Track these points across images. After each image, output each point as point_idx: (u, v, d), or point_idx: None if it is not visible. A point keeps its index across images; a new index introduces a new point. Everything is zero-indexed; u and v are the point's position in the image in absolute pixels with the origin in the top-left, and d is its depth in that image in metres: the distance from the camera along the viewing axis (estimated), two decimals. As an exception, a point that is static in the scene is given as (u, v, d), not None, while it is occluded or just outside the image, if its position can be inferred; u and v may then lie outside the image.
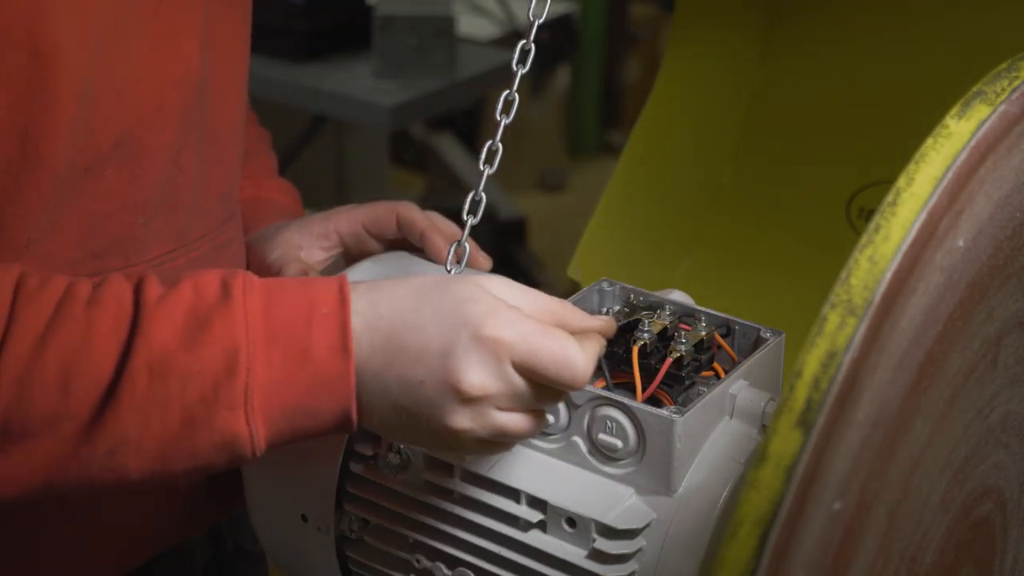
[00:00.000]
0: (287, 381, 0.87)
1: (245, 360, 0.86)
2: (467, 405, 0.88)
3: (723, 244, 1.50)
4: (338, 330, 0.88)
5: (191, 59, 1.01)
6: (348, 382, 0.88)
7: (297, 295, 0.89)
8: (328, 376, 0.88)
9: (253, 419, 0.87)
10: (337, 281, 0.90)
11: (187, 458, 0.88)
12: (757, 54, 1.48)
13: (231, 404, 0.86)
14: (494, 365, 0.87)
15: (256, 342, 0.87)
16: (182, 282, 0.89)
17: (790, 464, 0.72)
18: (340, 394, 0.88)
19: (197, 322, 0.87)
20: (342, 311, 0.88)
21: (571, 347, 0.88)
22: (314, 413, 0.88)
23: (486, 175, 1.01)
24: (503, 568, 0.97)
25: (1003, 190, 0.82)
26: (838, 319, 0.74)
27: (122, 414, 0.86)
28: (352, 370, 0.88)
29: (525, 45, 1.00)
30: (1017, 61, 0.86)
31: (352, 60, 2.79)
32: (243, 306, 0.87)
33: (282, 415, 0.88)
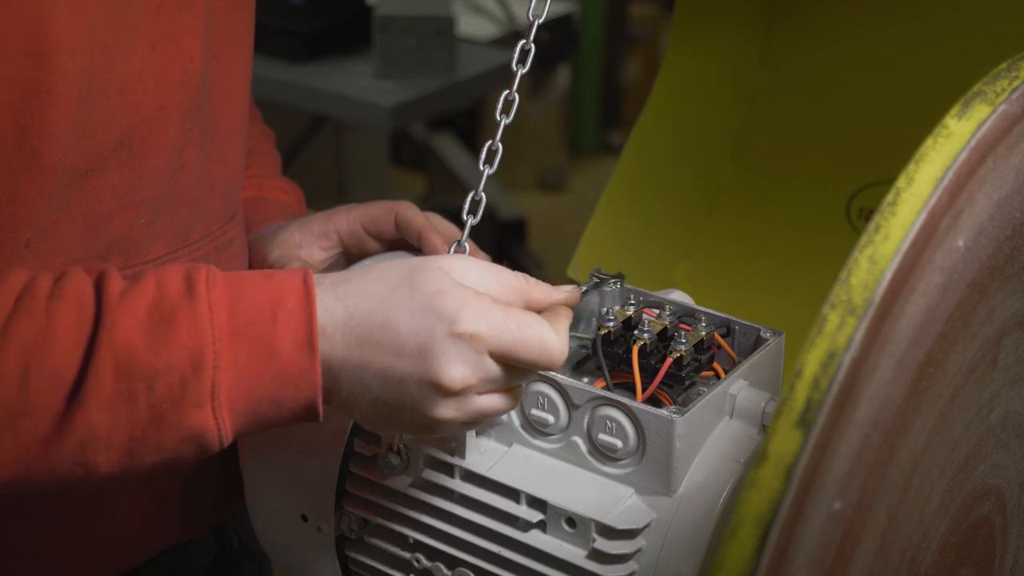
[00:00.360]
0: (253, 376, 0.88)
1: (211, 358, 0.87)
2: (449, 397, 0.89)
3: (723, 244, 1.50)
4: (303, 326, 0.88)
5: (193, 58, 1.01)
6: (313, 377, 0.88)
7: (261, 290, 0.89)
8: (293, 371, 0.88)
9: (220, 413, 0.88)
10: (301, 275, 0.90)
11: (155, 452, 0.88)
12: (757, 54, 1.48)
13: (198, 401, 0.87)
14: (473, 358, 0.88)
15: (221, 339, 0.87)
16: (144, 276, 0.89)
17: (790, 464, 0.72)
18: (305, 388, 0.88)
19: (161, 318, 0.87)
20: (307, 306, 0.88)
21: (545, 332, 0.90)
22: (279, 404, 0.89)
23: (486, 175, 1.01)
24: (503, 568, 0.97)
25: (1003, 190, 0.82)
26: (838, 319, 0.74)
27: (90, 411, 0.86)
28: (317, 365, 0.88)
29: (525, 45, 1.00)
30: (1017, 61, 0.86)
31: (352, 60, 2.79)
32: (208, 302, 0.87)
33: (247, 408, 0.88)
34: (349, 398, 0.90)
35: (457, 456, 0.98)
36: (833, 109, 1.45)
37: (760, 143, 1.49)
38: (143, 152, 0.99)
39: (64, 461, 0.87)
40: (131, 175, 0.99)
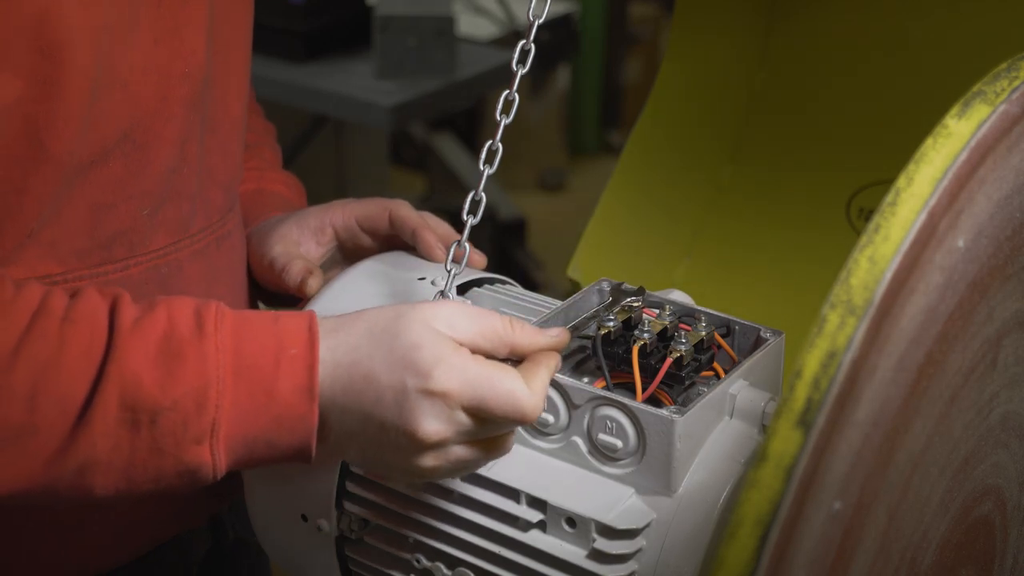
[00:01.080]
0: (252, 417, 0.90)
1: (214, 397, 0.89)
2: (428, 449, 0.91)
3: (723, 244, 1.50)
4: (305, 372, 0.90)
5: (196, 52, 1.02)
6: (310, 422, 0.90)
7: (266, 333, 0.91)
8: (291, 415, 0.90)
9: (217, 450, 0.90)
10: (306, 321, 0.92)
11: (151, 482, 0.91)
12: (757, 54, 1.48)
13: (198, 438, 0.89)
14: (446, 413, 0.90)
15: (225, 379, 0.89)
16: (157, 307, 0.91)
17: (790, 464, 0.72)
18: (301, 432, 0.91)
19: (170, 354, 0.89)
20: (310, 354, 0.91)
21: (517, 388, 0.90)
22: (274, 445, 0.91)
23: (486, 175, 1.01)
24: (503, 568, 0.97)
25: (1003, 190, 0.82)
26: (838, 319, 0.74)
27: (94, 437, 0.88)
28: (316, 411, 0.90)
29: (525, 45, 1.00)
30: (1017, 61, 0.86)
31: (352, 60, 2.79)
32: (215, 343, 0.90)
33: (243, 446, 0.91)
34: (337, 442, 0.92)
35: (457, 456, 0.98)
36: (833, 109, 1.45)
37: (760, 143, 1.49)
38: (146, 144, 1.00)
39: (64, 481, 0.89)
40: (134, 167, 1.00)
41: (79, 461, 0.88)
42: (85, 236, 1.00)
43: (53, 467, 0.88)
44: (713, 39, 1.49)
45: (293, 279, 1.14)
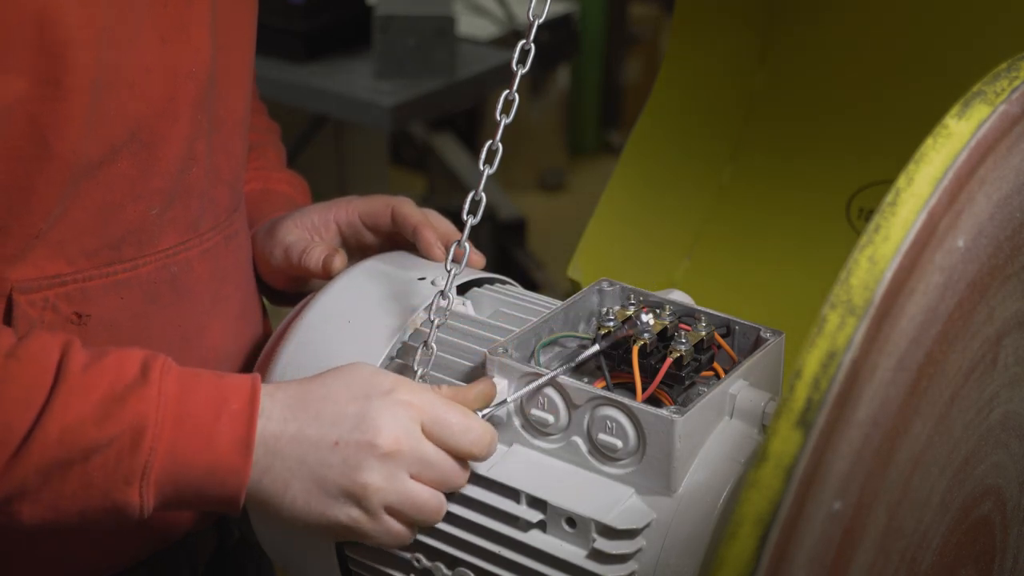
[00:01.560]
0: (186, 463, 0.92)
1: (151, 439, 0.91)
2: (381, 461, 0.92)
3: (723, 244, 1.50)
4: (244, 426, 0.92)
5: (201, 50, 1.03)
6: (243, 474, 0.92)
7: (211, 385, 0.93)
8: (225, 467, 0.92)
9: (146, 492, 0.92)
10: (249, 381, 0.94)
11: (76, 516, 0.92)
12: (757, 54, 1.48)
13: (128, 478, 0.91)
14: (406, 422, 0.93)
15: (164, 422, 0.91)
16: (107, 356, 0.93)
17: (790, 464, 0.72)
18: (232, 485, 0.93)
19: (114, 397, 0.91)
20: (250, 409, 0.93)
21: (472, 416, 0.95)
22: (203, 494, 0.93)
23: (486, 175, 1.01)
24: (503, 568, 0.97)
25: (1003, 190, 0.82)
26: (838, 319, 0.74)
27: (26, 471, 0.90)
28: (249, 464, 0.92)
29: (525, 45, 1.00)
30: (1017, 61, 0.86)
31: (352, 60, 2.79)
32: (158, 388, 0.92)
33: (173, 490, 0.93)
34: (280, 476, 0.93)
35: (457, 456, 0.98)
36: (833, 109, 1.45)
37: (760, 143, 1.49)
38: (153, 143, 1.01)
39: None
40: (143, 166, 1.01)
41: (8, 490, 0.90)
42: (94, 236, 1.00)
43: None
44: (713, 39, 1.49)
45: (315, 260, 1.15)
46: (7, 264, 0.97)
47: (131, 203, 1.01)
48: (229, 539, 1.24)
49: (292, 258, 1.16)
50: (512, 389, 0.98)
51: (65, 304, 1.00)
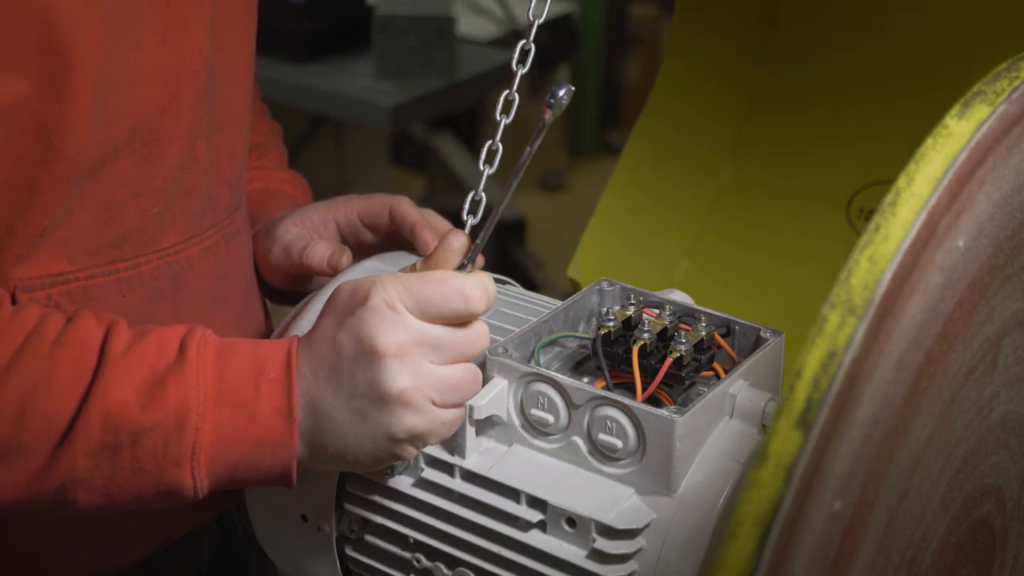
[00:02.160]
0: (233, 440, 0.91)
1: (195, 420, 0.90)
2: (396, 363, 0.90)
3: (723, 244, 1.50)
4: (283, 395, 0.91)
5: (201, 49, 1.03)
6: (291, 444, 0.92)
7: (247, 358, 0.93)
8: (272, 438, 0.91)
9: (198, 473, 0.91)
10: (285, 346, 0.93)
11: (132, 500, 0.93)
12: (757, 54, 1.48)
13: (179, 459, 0.91)
14: (394, 318, 0.90)
15: (206, 403, 0.91)
16: (148, 335, 0.93)
17: (790, 464, 0.72)
18: (282, 454, 0.92)
19: (154, 380, 0.91)
20: (287, 376, 0.92)
21: (452, 278, 0.92)
22: (256, 468, 0.93)
23: (486, 175, 1.01)
24: (503, 568, 0.97)
25: (1003, 190, 0.82)
26: (838, 319, 0.74)
27: (75, 457, 0.90)
28: (295, 433, 0.91)
29: (525, 45, 1.00)
30: (1017, 61, 0.86)
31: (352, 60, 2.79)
32: (196, 366, 0.91)
33: (225, 469, 0.92)
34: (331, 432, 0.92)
35: (457, 456, 0.98)
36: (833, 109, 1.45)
37: (760, 143, 1.49)
38: (155, 142, 1.01)
39: (46, 496, 0.91)
40: (144, 165, 1.01)
41: (61, 479, 0.90)
42: (96, 234, 1.00)
43: (36, 483, 0.91)
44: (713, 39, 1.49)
45: (318, 257, 1.15)
46: (12, 264, 0.97)
47: (133, 202, 1.01)
48: (233, 535, 1.25)
49: (292, 256, 1.16)
50: (512, 389, 0.98)
51: (67, 302, 1.00)
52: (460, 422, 0.95)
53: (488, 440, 1.00)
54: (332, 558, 1.05)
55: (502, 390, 0.98)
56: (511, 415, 0.98)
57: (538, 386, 0.97)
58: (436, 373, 0.91)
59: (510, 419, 0.99)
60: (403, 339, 0.90)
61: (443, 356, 0.92)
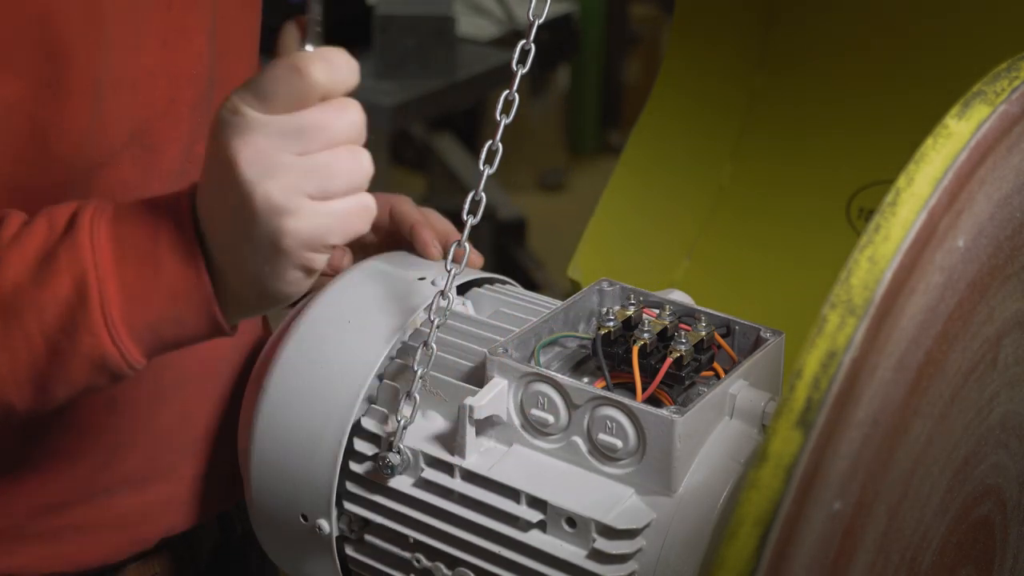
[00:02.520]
0: (143, 296, 0.88)
1: (95, 283, 0.87)
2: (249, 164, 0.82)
3: (723, 244, 1.50)
4: (183, 241, 0.87)
5: (201, 53, 1.03)
6: (203, 287, 0.87)
7: (143, 215, 0.88)
8: (183, 286, 0.87)
9: (118, 337, 0.88)
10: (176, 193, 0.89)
11: (64, 384, 0.89)
12: (757, 54, 1.48)
13: (90, 327, 0.87)
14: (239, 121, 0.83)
15: (104, 265, 0.87)
16: (38, 217, 0.89)
17: (790, 464, 0.72)
18: (198, 300, 0.88)
19: (46, 256, 0.88)
20: (184, 221, 0.87)
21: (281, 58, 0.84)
22: (180, 321, 0.89)
23: (486, 175, 1.01)
24: (503, 568, 0.97)
25: (1003, 190, 0.82)
26: (838, 319, 0.74)
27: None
28: (204, 274, 0.87)
29: (525, 45, 1.00)
30: (1017, 61, 0.86)
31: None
32: (88, 232, 0.87)
33: (147, 328, 0.88)
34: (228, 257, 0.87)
35: (457, 456, 0.98)
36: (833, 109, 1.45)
37: (760, 143, 1.49)
38: (154, 146, 1.01)
39: None
40: (143, 168, 1.01)
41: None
42: None
43: None
44: (713, 39, 1.49)
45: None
46: None
47: None
48: (232, 534, 1.25)
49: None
50: (512, 389, 0.98)
51: None
52: (363, 213, 0.86)
53: (488, 440, 1.00)
54: (332, 558, 1.05)
55: (502, 390, 0.98)
56: (511, 415, 0.98)
57: (538, 386, 0.97)
58: (299, 163, 0.83)
59: (510, 419, 0.99)
60: (252, 139, 0.82)
61: (304, 143, 0.83)
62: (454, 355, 1.03)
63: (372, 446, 1.02)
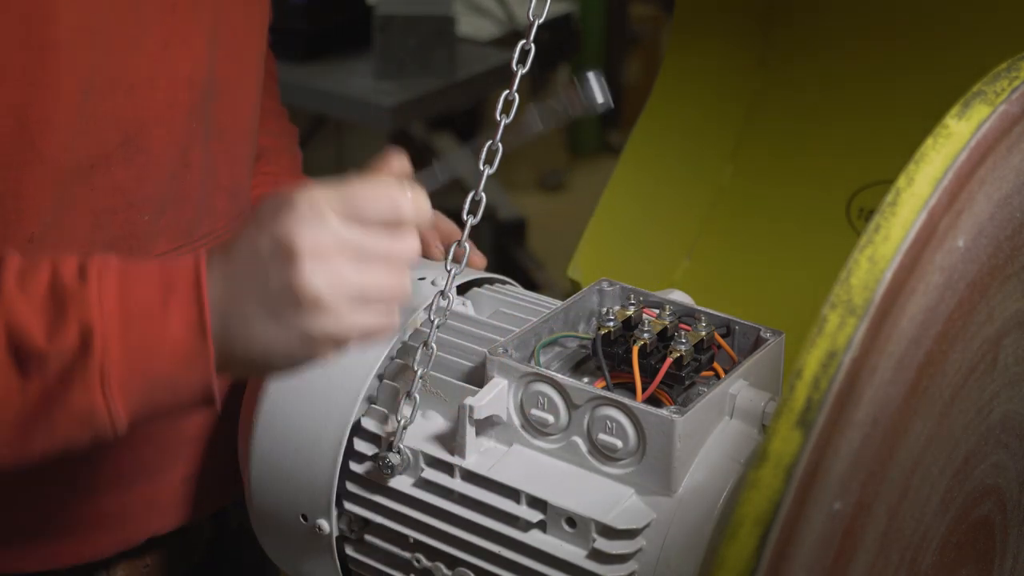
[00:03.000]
0: (144, 360, 0.88)
1: (100, 340, 0.87)
2: (313, 261, 0.86)
3: (723, 244, 1.50)
4: (194, 308, 0.87)
5: (200, 57, 1.02)
6: (206, 357, 0.88)
7: (152, 275, 0.89)
8: (185, 354, 0.87)
9: (110, 395, 0.87)
10: (194, 257, 0.89)
11: (45, 433, 0.89)
12: (757, 55, 1.48)
13: (86, 381, 0.87)
14: (317, 220, 0.86)
15: (111, 323, 0.87)
16: (42, 263, 0.89)
17: (790, 464, 0.72)
18: (198, 370, 0.88)
19: (56, 303, 0.87)
20: (196, 288, 0.88)
21: (379, 180, 0.90)
22: (174, 389, 0.89)
23: (486, 175, 1.01)
24: (503, 568, 0.97)
25: (1003, 190, 0.82)
26: (838, 319, 0.74)
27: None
28: (210, 346, 0.87)
29: (525, 45, 1.00)
30: (1017, 61, 0.86)
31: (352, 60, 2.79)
32: (97, 287, 0.87)
33: (140, 392, 0.88)
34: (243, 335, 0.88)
35: (457, 456, 0.98)
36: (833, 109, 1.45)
37: (760, 143, 1.49)
38: (148, 149, 1.01)
39: None
40: (136, 171, 1.00)
41: None
42: (86, 241, 1.00)
43: None
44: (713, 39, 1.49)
45: None
46: None
47: (124, 209, 1.01)
48: (227, 529, 1.24)
49: None
50: (512, 389, 0.98)
51: None
52: (384, 331, 0.89)
53: (488, 440, 1.00)
54: (332, 558, 1.05)
55: (502, 390, 0.98)
56: (511, 415, 0.98)
57: (538, 386, 0.97)
58: (355, 278, 0.87)
59: (510, 419, 0.99)
60: (323, 240, 0.86)
61: (366, 261, 0.87)
62: (454, 355, 1.03)
63: (372, 446, 1.02)
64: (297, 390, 1.05)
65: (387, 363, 1.04)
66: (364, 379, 1.03)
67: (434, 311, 1.01)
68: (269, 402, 1.06)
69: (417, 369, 1.00)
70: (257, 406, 1.06)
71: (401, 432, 0.99)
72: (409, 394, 0.99)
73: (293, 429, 1.04)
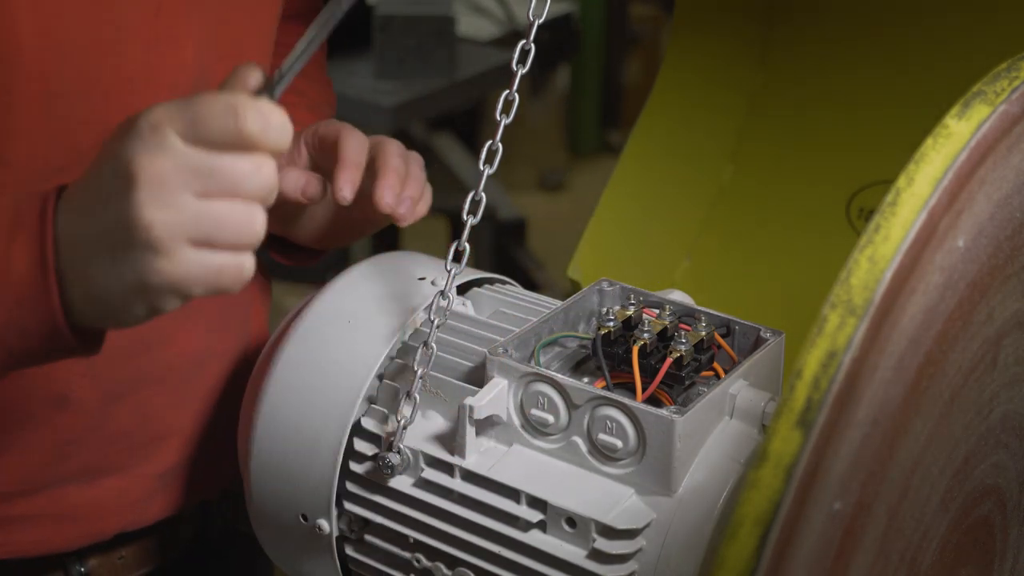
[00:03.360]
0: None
1: None
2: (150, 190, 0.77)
3: (723, 244, 1.50)
4: (36, 244, 0.82)
5: (186, 61, 1.02)
6: (49, 295, 0.83)
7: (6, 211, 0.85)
8: (29, 293, 0.83)
9: None
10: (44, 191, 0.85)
11: None
12: (757, 54, 1.48)
13: None
14: (157, 141, 0.78)
15: None
16: None
17: (790, 464, 0.72)
18: (42, 308, 0.83)
19: None
20: (42, 222, 0.83)
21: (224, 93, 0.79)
22: (22, 331, 0.85)
23: (486, 175, 1.01)
24: (503, 568, 0.97)
25: (1003, 190, 0.82)
26: (838, 319, 0.74)
27: None
28: (53, 283, 0.82)
29: (525, 45, 1.00)
30: (1017, 61, 0.86)
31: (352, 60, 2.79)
32: None
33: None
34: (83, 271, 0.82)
35: (457, 456, 0.98)
36: (833, 109, 1.45)
37: (760, 143, 1.49)
38: None
39: None
40: None
41: None
42: None
43: None
44: (713, 39, 1.49)
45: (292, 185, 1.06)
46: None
47: None
48: (211, 528, 1.24)
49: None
50: (512, 389, 0.98)
51: None
52: (236, 273, 0.81)
53: (488, 440, 1.00)
54: (332, 558, 1.05)
55: (502, 390, 0.98)
56: (511, 415, 0.99)
57: (538, 386, 0.97)
58: (195, 207, 0.78)
59: (510, 419, 0.99)
60: (162, 163, 0.77)
61: (209, 185, 0.78)
62: (454, 355, 1.03)
63: (372, 446, 1.02)
64: (297, 390, 1.05)
65: (387, 363, 1.04)
66: (364, 379, 1.03)
67: (434, 311, 1.01)
68: (269, 402, 1.06)
69: (417, 369, 1.00)
70: (257, 406, 1.06)
71: (401, 432, 0.99)
72: (409, 394, 0.99)
73: (293, 429, 1.04)
